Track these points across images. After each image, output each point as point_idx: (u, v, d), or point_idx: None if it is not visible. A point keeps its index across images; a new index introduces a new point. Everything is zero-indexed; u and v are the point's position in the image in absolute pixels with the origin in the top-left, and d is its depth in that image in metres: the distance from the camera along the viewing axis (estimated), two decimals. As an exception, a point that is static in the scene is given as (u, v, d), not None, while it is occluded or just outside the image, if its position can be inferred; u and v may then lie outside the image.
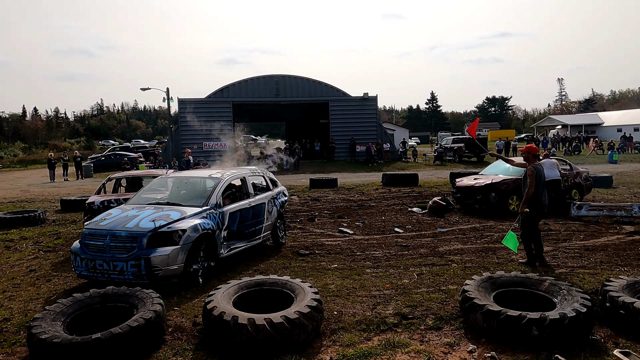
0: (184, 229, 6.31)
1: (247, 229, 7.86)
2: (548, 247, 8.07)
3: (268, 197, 8.63)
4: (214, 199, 7.17)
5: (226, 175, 7.83)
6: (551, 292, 5.09)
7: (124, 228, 6.25)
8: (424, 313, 5.22)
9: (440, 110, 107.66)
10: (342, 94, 33.76)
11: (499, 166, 13.60)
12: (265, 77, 33.10)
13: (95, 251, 6.22)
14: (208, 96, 32.48)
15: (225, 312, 4.50)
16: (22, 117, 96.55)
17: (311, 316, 4.57)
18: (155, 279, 6.02)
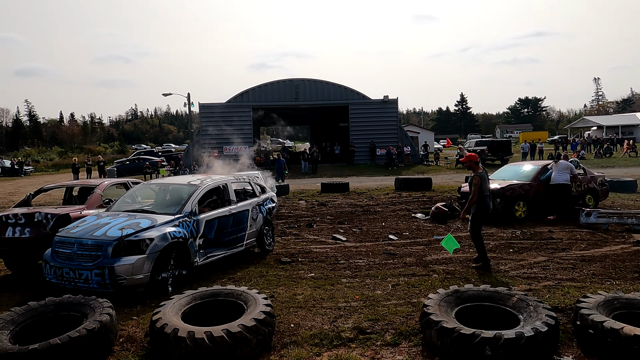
0: (151, 238, 6.21)
1: (227, 237, 7.69)
2: (542, 257, 7.66)
3: (253, 204, 8.47)
4: (188, 207, 7.04)
5: (205, 183, 7.67)
6: (518, 308, 4.77)
7: (91, 236, 6.19)
8: (385, 327, 4.99)
9: (470, 112, 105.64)
10: (362, 97, 33.50)
11: (510, 170, 13.12)
12: (285, 81, 33.19)
13: (64, 259, 6.19)
14: (228, 100, 32.81)
15: (167, 324, 4.40)
16: (59, 122, 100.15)
17: (256, 330, 4.42)
18: (120, 288, 5.95)
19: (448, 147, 47.76)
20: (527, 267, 7.12)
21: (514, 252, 8.18)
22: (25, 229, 7.13)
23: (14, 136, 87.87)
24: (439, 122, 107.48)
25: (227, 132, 32.28)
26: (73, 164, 27.27)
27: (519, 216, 11.32)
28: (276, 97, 33.10)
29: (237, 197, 8.39)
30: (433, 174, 27.16)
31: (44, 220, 7.07)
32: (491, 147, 30.53)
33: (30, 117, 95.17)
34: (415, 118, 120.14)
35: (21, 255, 7.26)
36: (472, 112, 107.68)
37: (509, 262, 7.49)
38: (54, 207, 7.63)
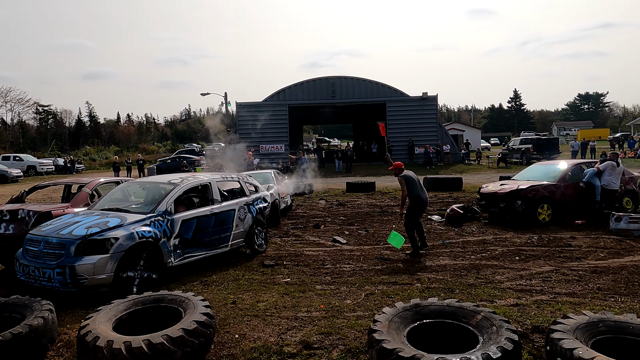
0: (116, 237, 6.08)
1: (208, 237, 7.45)
2: (548, 267, 6.88)
3: (240, 204, 8.22)
4: (163, 206, 6.87)
5: (185, 182, 7.50)
6: (480, 328, 4.17)
7: (57, 235, 6.12)
8: (335, 343, 4.53)
9: (523, 109, 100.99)
10: (399, 94, 32.59)
11: (536, 170, 12.12)
12: (321, 79, 32.86)
13: (32, 257, 6.17)
14: (265, 99, 32.89)
15: (91, 331, 4.17)
16: (116, 122, 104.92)
17: (182, 341, 4.09)
18: (81, 288, 5.86)
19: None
20: (526, 278, 6.39)
21: (519, 260, 7.42)
22: (10, 225, 7.21)
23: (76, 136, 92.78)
24: (491, 119, 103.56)
25: (263, 130, 32.44)
26: (113, 162, 28.28)
27: (543, 220, 10.39)
28: (312, 95, 32.83)
29: (224, 196, 8.15)
30: (471, 174, 25.97)
31: (27, 217, 7.11)
32: (537, 145, 28.80)
33: (91, 117, 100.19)
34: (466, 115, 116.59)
35: (5, 250, 7.33)
36: (527, 109, 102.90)
37: (509, 271, 6.77)
38: (39, 205, 7.67)
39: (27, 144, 71.55)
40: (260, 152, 32.25)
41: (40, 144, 75.70)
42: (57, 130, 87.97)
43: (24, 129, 78.20)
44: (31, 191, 8.47)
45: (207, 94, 31.59)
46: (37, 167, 37.38)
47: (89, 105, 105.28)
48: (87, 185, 8.06)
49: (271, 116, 32.42)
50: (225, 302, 5.74)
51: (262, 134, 32.47)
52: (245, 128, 32.55)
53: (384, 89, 32.61)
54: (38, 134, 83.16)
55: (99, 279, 5.88)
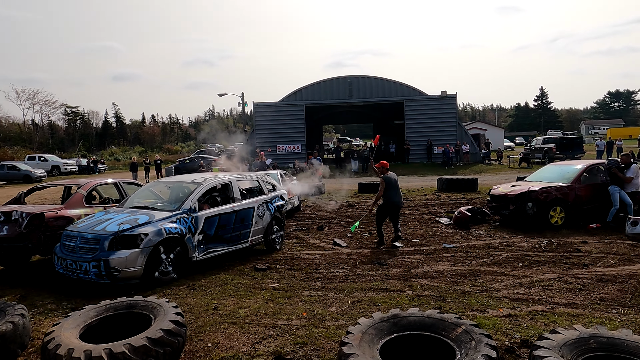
0: (146, 233, 6.45)
1: (229, 233, 7.77)
2: (551, 275, 6.50)
3: (259, 202, 8.51)
4: (188, 204, 7.23)
5: (208, 181, 7.86)
6: (459, 342, 3.89)
7: (92, 231, 6.50)
8: (309, 354, 4.31)
9: (550, 108, 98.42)
10: (418, 93, 32.06)
11: (551, 170, 11.62)
12: (338, 79, 32.59)
13: (69, 251, 6.54)
14: (282, 99, 32.81)
15: (54, 338, 4.05)
16: (141, 123, 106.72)
17: (144, 351, 3.94)
18: (115, 280, 6.21)
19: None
20: (525, 286, 6.04)
21: (522, 266, 7.05)
22: (4, 226, 7.22)
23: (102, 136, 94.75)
24: (517, 118, 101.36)
25: (280, 130, 32.40)
26: (132, 162, 28.61)
27: (555, 223, 9.93)
28: (329, 95, 32.58)
29: (244, 195, 8.47)
30: (490, 174, 25.32)
31: (20, 219, 7.11)
32: (560, 144, 27.88)
33: (117, 118, 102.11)
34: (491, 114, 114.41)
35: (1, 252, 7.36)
36: (554, 108, 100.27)
37: (508, 278, 6.42)
38: (32, 207, 7.67)
39: (56, 145, 73.42)
40: (277, 152, 32.22)
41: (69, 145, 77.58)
42: (85, 131, 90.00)
43: (53, 130, 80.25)
44: (30, 192, 8.50)
45: (225, 94, 31.75)
46: (61, 167, 38.25)
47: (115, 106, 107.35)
48: (82, 187, 8.04)
49: (288, 116, 32.36)
50: (207, 307, 5.59)
51: (279, 134, 32.43)
52: (262, 128, 32.56)
53: (402, 88, 32.13)
54: (66, 134, 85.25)
55: (131, 271, 6.25)
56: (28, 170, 31.81)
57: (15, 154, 46.34)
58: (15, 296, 6.30)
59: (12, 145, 57.78)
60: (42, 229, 7.03)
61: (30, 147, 59.73)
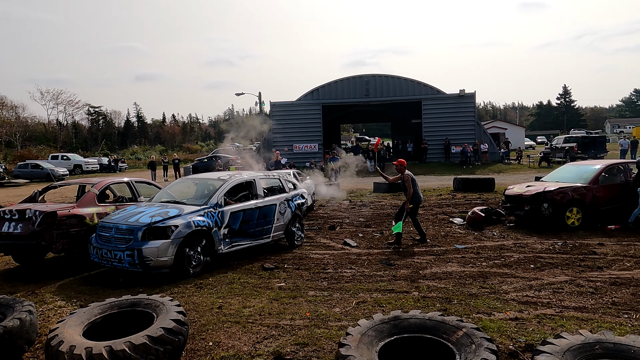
0: (176, 225, 6.80)
1: (253, 228, 8.10)
2: (563, 277, 6.35)
3: (281, 199, 8.83)
4: (214, 199, 7.59)
5: (233, 178, 8.24)
6: (459, 345, 3.82)
7: (126, 222, 6.90)
8: (309, 355, 4.29)
9: (574, 106, 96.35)
10: (435, 91, 31.73)
11: (568, 170, 11.37)
12: (354, 78, 32.47)
13: (104, 241, 6.93)
14: (298, 99, 32.85)
15: (57, 335, 4.12)
16: (162, 122, 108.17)
17: (145, 349, 3.97)
18: (147, 268, 6.58)
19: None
20: (535, 289, 5.90)
21: (534, 268, 6.90)
22: (18, 224, 7.38)
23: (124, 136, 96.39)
24: (539, 116, 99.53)
25: (297, 130, 32.45)
26: (151, 161, 29.00)
27: (572, 224, 9.70)
28: (346, 94, 32.48)
29: (266, 192, 8.77)
30: (508, 174, 24.91)
31: (33, 217, 7.25)
32: (582, 143, 27.27)
33: (138, 118, 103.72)
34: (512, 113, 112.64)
35: (13, 249, 7.53)
36: (578, 106, 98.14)
37: (518, 280, 6.29)
38: (46, 205, 7.82)
39: (79, 144, 74.94)
40: (294, 152, 32.27)
41: (92, 144, 79.10)
42: (107, 131, 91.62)
43: (77, 129, 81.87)
44: (45, 191, 8.67)
45: (242, 94, 31.96)
46: (82, 166, 39.02)
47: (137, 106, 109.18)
48: (94, 186, 8.16)
49: (304, 115, 32.39)
50: (212, 306, 5.61)
51: (296, 133, 32.49)
52: (279, 127, 32.65)
53: (420, 87, 31.84)
54: (90, 134, 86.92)
55: (162, 260, 6.61)
56: (51, 169, 32.52)
57: (40, 153, 47.42)
58: (27, 292, 6.44)
59: (37, 144, 59.21)
60: (54, 227, 7.16)
61: (54, 146, 61.07)
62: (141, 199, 8.72)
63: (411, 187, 8.85)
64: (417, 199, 9.03)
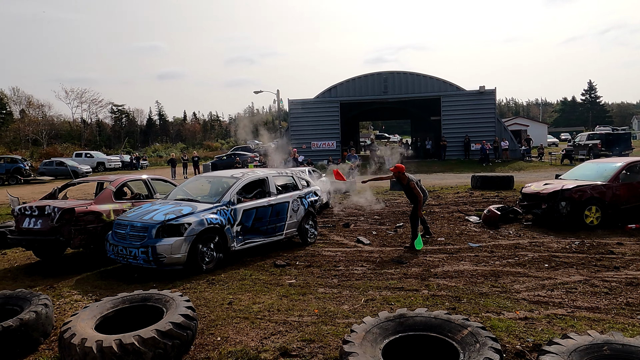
0: (189, 222, 6.90)
1: (265, 226, 8.18)
2: (577, 277, 6.24)
3: (294, 197, 8.87)
4: (227, 197, 7.68)
5: (246, 176, 8.33)
6: (464, 344, 3.80)
7: (140, 220, 7.01)
8: (315, 351, 4.33)
9: (599, 102, 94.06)
10: (455, 88, 31.38)
11: (588, 168, 11.15)
12: (372, 75, 32.33)
13: (119, 238, 7.09)
14: (316, 96, 32.87)
15: (70, 328, 4.24)
16: (183, 120, 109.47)
17: (154, 343, 4.06)
18: (161, 265, 6.69)
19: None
20: (548, 289, 5.82)
21: (548, 267, 6.80)
22: (38, 220, 7.59)
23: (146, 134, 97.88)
24: (563, 113, 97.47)
25: (315, 127, 32.50)
26: (171, 159, 29.42)
27: (590, 223, 9.51)
28: (364, 91, 32.37)
29: (280, 189, 8.81)
30: (529, 172, 24.53)
31: (52, 213, 7.45)
32: (606, 141, 26.63)
33: (160, 116, 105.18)
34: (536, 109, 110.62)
35: (34, 244, 7.74)
36: (603, 102, 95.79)
37: (531, 280, 6.21)
38: (64, 202, 8.02)
39: (103, 142, 76.43)
40: (312, 149, 32.33)
41: (115, 142, 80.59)
42: (130, 129, 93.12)
43: (101, 127, 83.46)
44: (64, 188, 8.89)
45: (260, 91, 32.09)
46: (105, 163, 39.81)
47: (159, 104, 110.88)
48: (111, 183, 8.33)
49: (322, 113, 32.41)
50: (223, 302, 5.69)
51: (314, 131, 32.53)
52: (297, 125, 32.74)
53: (439, 84, 31.53)
54: (113, 132, 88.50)
55: (175, 257, 6.73)
56: (75, 166, 33.26)
57: (65, 151, 48.53)
58: (45, 286, 6.63)
59: (62, 142, 60.57)
60: (72, 223, 7.34)
61: (78, 144, 62.39)
62: (157, 196, 8.88)
63: (420, 193, 8.68)
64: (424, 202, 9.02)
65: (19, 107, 70.42)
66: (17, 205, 8.17)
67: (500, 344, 3.77)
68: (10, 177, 29.13)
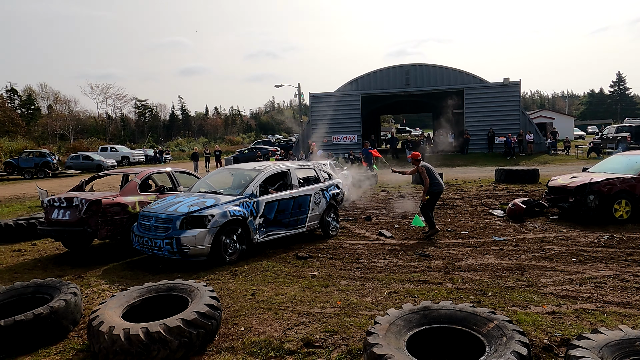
0: (212, 214, 6.97)
1: (288, 218, 8.21)
2: (607, 272, 6.09)
3: (316, 189, 8.88)
4: (250, 189, 7.73)
5: (268, 169, 8.37)
6: (490, 338, 3.75)
7: (165, 212, 7.11)
8: (338, 342, 4.32)
9: (628, 94, 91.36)
10: (478, 80, 30.88)
11: (617, 161, 10.83)
12: (394, 68, 32.04)
13: (145, 230, 7.19)
14: (338, 89, 32.75)
15: (98, 316, 4.33)
16: (205, 115, 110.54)
17: (179, 331, 4.12)
18: (185, 256, 6.78)
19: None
20: (576, 283, 5.69)
21: (576, 262, 6.65)
22: (67, 212, 7.77)
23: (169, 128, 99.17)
24: (590, 105, 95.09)
25: (336, 121, 32.40)
26: (193, 152, 29.75)
27: (620, 217, 9.26)
28: (385, 84, 32.11)
29: (302, 182, 8.84)
30: (555, 165, 24.03)
31: (80, 204, 7.61)
32: (635, 133, 25.85)
33: (182, 111, 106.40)
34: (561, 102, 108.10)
35: (62, 235, 7.93)
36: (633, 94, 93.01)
37: (558, 274, 6.08)
38: (91, 194, 8.18)
39: (127, 136, 77.76)
40: (333, 143, 32.26)
41: (139, 136, 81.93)
42: (153, 123, 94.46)
43: (125, 122, 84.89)
44: (90, 180, 9.07)
45: (281, 85, 32.20)
46: (130, 157, 40.51)
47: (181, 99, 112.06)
48: (137, 176, 8.46)
49: (344, 106, 32.26)
50: (246, 293, 5.74)
51: (335, 125, 32.44)
52: (318, 119, 32.70)
53: (462, 76, 31.07)
54: (137, 126, 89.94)
55: (199, 249, 6.80)
56: (100, 160, 33.97)
57: (90, 145, 49.57)
58: (74, 276, 6.79)
59: (88, 137, 61.90)
60: (99, 215, 7.49)
61: (104, 138, 63.66)
62: (180, 188, 8.98)
63: (427, 178, 8.74)
64: (434, 189, 8.87)
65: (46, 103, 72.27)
66: (45, 198, 8.36)
67: (527, 338, 3.70)
68: (39, 171, 29.91)
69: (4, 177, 30.12)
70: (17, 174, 30.06)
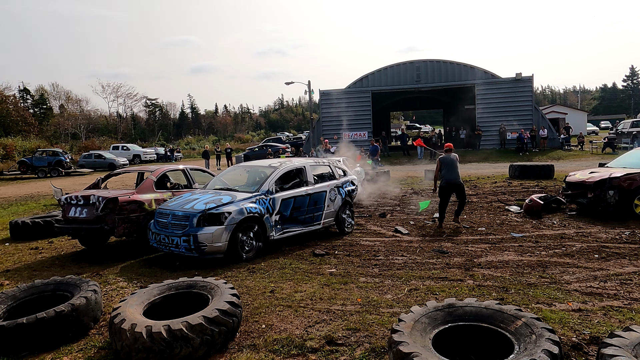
0: (229, 211, 6.96)
1: (303, 215, 8.19)
2: (631, 268, 5.97)
3: (331, 186, 8.86)
4: (266, 186, 7.71)
5: (284, 165, 8.33)
6: (518, 336, 3.67)
7: (181, 209, 7.11)
8: (361, 340, 4.27)
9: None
10: (490, 75, 30.57)
11: (637, 156, 10.63)
12: (405, 64, 31.82)
13: (161, 227, 7.20)
14: (348, 86, 32.63)
15: (120, 313, 4.32)
16: (214, 113, 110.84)
17: (201, 329, 4.09)
18: (202, 253, 6.78)
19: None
20: (600, 280, 5.58)
21: (598, 258, 6.53)
22: (84, 209, 7.79)
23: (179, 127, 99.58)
24: (603, 100, 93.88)
25: (346, 118, 32.27)
26: (204, 150, 29.82)
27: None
28: (396, 80, 31.92)
29: (317, 179, 8.84)
30: (569, 161, 23.73)
31: (97, 202, 7.63)
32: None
33: (192, 109, 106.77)
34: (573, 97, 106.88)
35: (79, 232, 7.95)
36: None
37: (581, 270, 5.97)
38: (108, 191, 8.19)
39: (138, 135, 78.21)
40: (343, 140, 32.13)
41: (149, 135, 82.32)
42: (163, 122, 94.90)
43: (135, 121, 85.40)
44: (106, 178, 9.09)
45: (291, 82, 32.09)
46: (141, 155, 40.73)
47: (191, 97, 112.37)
48: (152, 173, 8.46)
49: (354, 103, 32.14)
50: (264, 290, 5.70)
51: (345, 122, 32.30)
52: (329, 116, 32.61)
53: (473, 71, 30.77)
54: (147, 125, 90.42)
55: (216, 246, 6.79)
56: (112, 159, 34.18)
57: (102, 144, 49.94)
58: (92, 274, 6.80)
59: (99, 135, 62.35)
60: (116, 212, 7.50)
61: (115, 137, 64.08)
62: (195, 186, 8.98)
63: (435, 170, 9.33)
64: (442, 182, 9.14)
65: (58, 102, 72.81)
66: (61, 196, 8.39)
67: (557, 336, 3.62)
68: (53, 170, 30.18)
69: (18, 176, 30.45)
70: (30, 172, 30.37)
